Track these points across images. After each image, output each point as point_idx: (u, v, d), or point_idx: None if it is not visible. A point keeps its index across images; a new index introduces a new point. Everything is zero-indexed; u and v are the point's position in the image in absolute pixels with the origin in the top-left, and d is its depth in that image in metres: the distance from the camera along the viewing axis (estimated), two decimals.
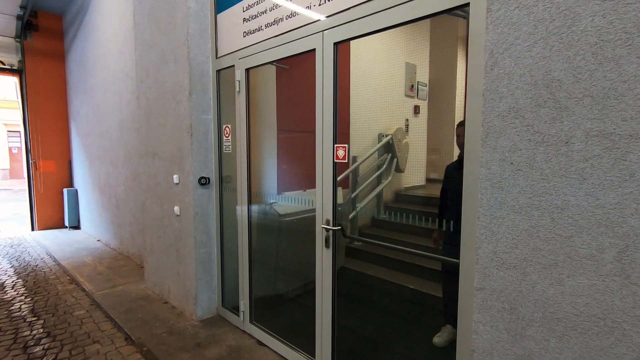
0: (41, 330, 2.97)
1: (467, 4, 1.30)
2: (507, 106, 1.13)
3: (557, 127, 1.04)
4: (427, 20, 1.56)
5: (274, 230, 3.07)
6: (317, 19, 1.98)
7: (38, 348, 2.70)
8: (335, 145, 1.94)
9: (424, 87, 4.83)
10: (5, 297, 3.72)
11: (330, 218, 1.99)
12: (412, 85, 4.87)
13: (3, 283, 4.14)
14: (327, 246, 2.02)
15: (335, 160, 1.94)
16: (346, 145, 1.94)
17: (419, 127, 4.92)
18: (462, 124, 1.92)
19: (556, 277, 1.06)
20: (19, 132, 20.76)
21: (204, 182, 2.92)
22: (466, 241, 1.32)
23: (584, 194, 1.00)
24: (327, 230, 1.99)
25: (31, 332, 2.95)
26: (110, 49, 5.09)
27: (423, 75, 4.89)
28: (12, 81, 17.47)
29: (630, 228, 0.93)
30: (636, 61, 0.91)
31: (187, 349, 2.56)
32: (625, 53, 0.92)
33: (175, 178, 3.07)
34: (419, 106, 5.05)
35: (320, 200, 2.03)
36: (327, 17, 1.92)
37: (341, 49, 1.93)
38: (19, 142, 21.20)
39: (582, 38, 0.98)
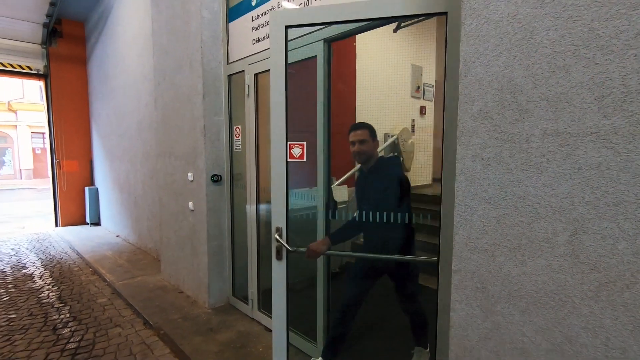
0: (68, 315, 3.23)
1: (445, 13, 1.45)
2: (478, 108, 1.28)
3: (519, 127, 1.18)
4: (433, 23, 1.64)
5: None
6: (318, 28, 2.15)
7: (66, 330, 2.95)
8: (289, 143, 1.72)
9: (430, 89, 4.95)
10: (35, 285, 4.01)
11: (283, 226, 1.67)
12: (418, 87, 4.99)
13: (32, 274, 4.45)
14: (278, 258, 1.70)
15: (288, 159, 1.71)
16: (304, 143, 1.76)
17: (425, 127, 5.04)
18: (358, 127, 2.00)
19: (519, 258, 1.20)
20: (42, 133, 21.62)
21: (216, 179, 3.13)
22: (445, 228, 1.47)
23: (542, 185, 1.14)
24: (278, 241, 1.70)
25: (59, 316, 3.21)
26: (129, 54, 5.38)
27: (429, 76, 5.00)
28: (37, 85, 18.16)
29: (578, 214, 1.07)
30: (582, 70, 1.05)
31: (201, 333, 2.77)
32: (573, 62, 1.06)
33: (190, 175, 3.29)
34: (425, 107, 5.17)
35: (273, 206, 1.75)
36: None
37: (348, 52, 2.09)
38: (42, 143, 22.07)
39: (539, 49, 1.13)
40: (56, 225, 7.62)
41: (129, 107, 5.56)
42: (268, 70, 2.65)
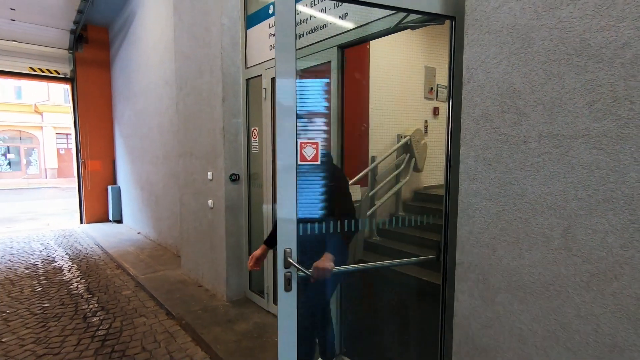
0: (96, 305, 3.44)
1: (454, 17, 1.54)
2: (480, 112, 1.38)
3: (518, 129, 1.27)
4: (447, 24, 1.68)
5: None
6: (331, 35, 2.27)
7: (95, 318, 3.16)
8: (300, 142, 1.43)
9: (443, 90, 5.01)
10: (64, 278, 4.26)
11: (293, 248, 1.31)
12: (431, 88, 5.06)
13: (61, 267, 4.72)
14: (287, 290, 1.32)
15: (299, 162, 1.36)
16: (318, 142, 1.54)
17: (439, 128, 5.10)
18: None
19: (517, 252, 1.29)
20: (66, 134, 22.44)
21: (234, 178, 3.29)
22: (450, 224, 1.57)
23: (538, 184, 1.23)
24: (288, 266, 1.31)
25: (88, 306, 3.43)
26: (151, 59, 5.62)
27: (443, 77, 5.06)
28: (62, 88, 18.81)
29: (572, 210, 1.16)
30: (575, 77, 1.13)
31: (220, 324, 2.92)
32: (567, 70, 1.15)
33: (209, 175, 3.46)
34: (438, 108, 5.23)
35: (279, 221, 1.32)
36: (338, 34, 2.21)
37: (361, 56, 2.19)
38: (66, 144, 22.89)
39: (536, 57, 1.22)
40: (81, 222, 7.97)
41: (150, 110, 5.80)
42: None
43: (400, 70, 4.74)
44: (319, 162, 1.57)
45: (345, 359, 2.44)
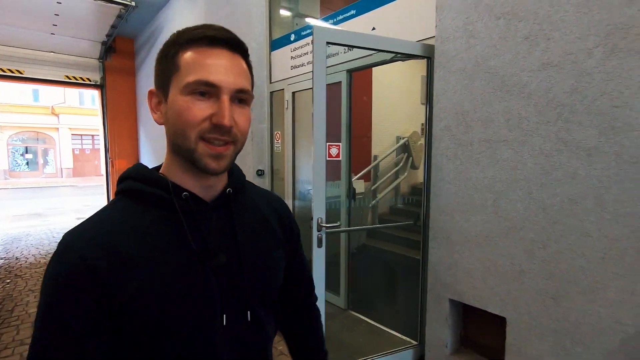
0: None
1: (430, 57, 2.20)
2: (444, 125, 2.05)
3: (466, 136, 1.94)
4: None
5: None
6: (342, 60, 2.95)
7: None
8: (328, 144, 2.47)
9: None
10: None
11: (323, 216, 2.02)
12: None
13: None
14: (319, 246, 2.03)
15: (327, 158, 2.22)
16: (340, 144, 2.62)
17: None
18: None
19: (467, 217, 1.96)
20: (80, 135, 23.32)
21: (260, 173, 3.98)
22: (426, 201, 2.24)
23: (478, 172, 1.90)
24: (319, 230, 2.01)
25: None
26: None
27: None
28: (76, 91, 19.51)
29: (498, 188, 1.82)
30: (498, 103, 1.80)
31: None
32: (494, 99, 1.81)
33: None
34: None
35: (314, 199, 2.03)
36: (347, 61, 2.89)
37: (366, 73, 2.82)
38: (80, 144, 23.77)
39: (477, 90, 1.88)
40: None
41: None
42: (304, 89, 3.47)
43: (399, 81, 5.41)
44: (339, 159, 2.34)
45: (353, 313, 3.11)
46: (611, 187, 1.44)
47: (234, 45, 0.62)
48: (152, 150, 7.91)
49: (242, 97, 0.61)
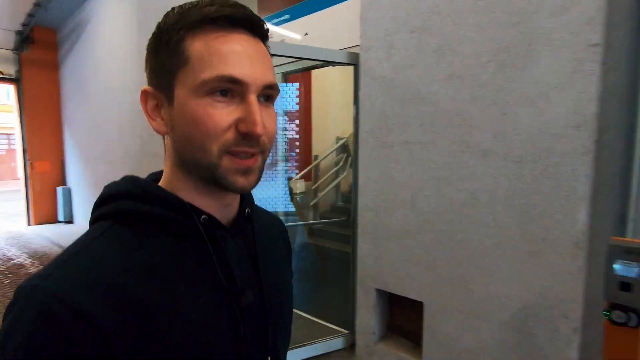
0: None
1: (355, 64, 2.35)
2: (369, 127, 2.21)
3: (388, 138, 2.11)
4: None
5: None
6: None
7: None
8: None
9: None
10: (30, 271, 4.54)
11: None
12: None
13: (22, 263, 4.94)
14: None
15: None
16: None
17: None
18: None
19: (389, 213, 2.14)
20: (7, 134, 20.69)
21: None
22: (354, 198, 2.39)
23: (400, 169, 2.08)
24: None
25: None
26: (110, 67, 5.94)
27: None
28: (4, 88, 17.49)
29: (415, 185, 2.01)
30: (414, 109, 1.99)
31: None
32: (410, 105, 2.00)
33: None
34: None
35: None
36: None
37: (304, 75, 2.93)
38: (7, 145, 21.07)
39: (396, 97, 2.06)
40: (28, 224, 7.88)
41: (109, 114, 6.09)
42: None
43: (339, 84, 5.59)
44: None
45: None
46: (502, 183, 1.68)
47: (257, 26, 0.48)
48: (81, 151, 7.32)
49: (269, 94, 0.48)
